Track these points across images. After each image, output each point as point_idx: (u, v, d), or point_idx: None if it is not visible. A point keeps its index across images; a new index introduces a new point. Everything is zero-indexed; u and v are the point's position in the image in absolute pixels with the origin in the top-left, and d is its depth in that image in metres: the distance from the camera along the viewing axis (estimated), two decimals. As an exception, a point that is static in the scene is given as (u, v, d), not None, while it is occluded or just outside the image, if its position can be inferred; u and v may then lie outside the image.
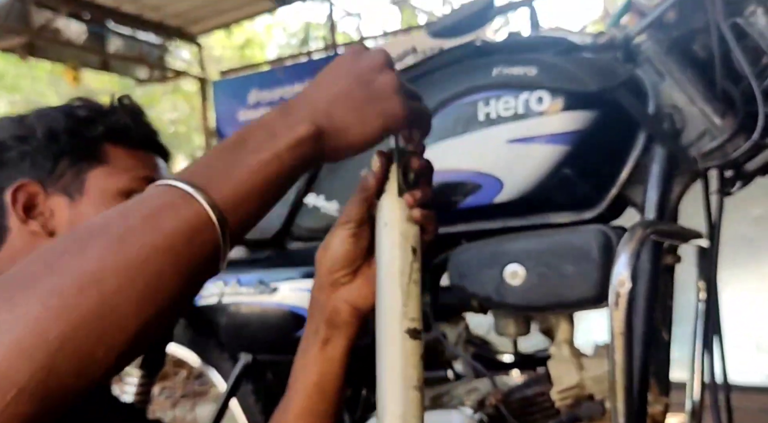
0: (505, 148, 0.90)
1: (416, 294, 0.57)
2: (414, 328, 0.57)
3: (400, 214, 0.57)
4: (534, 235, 0.90)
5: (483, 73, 0.93)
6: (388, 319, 0.57)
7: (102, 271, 0.38)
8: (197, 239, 0.41)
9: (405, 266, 0.57)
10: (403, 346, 0.56)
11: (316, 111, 0.49)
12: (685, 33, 0.89)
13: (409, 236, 0.57)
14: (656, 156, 0.86)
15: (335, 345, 0.64)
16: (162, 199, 0.42)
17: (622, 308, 0.68)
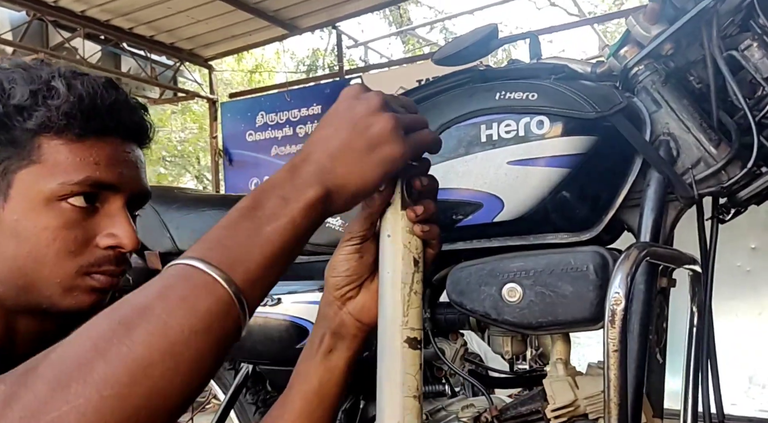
0: (506, 169, 0.93)
1: (417, 305, 0.60)
2: (414, 337, 0.59)
3: (402, 225, 0.60)
4: (532, 255, 0.93)
5: (486, 97, 0.96)
6: (389, 328, 0.59)
7: (150, 357, 0.40)
8: (227, 319, 0.45)
9: (407, 276, 0.59)
10: (402, 355, 0.58)
11: (322, 171, 0.52)
12: (681, 64, 0.93)
13: (411, 247, 0.60)
14: (652, 181, 0.89)
15: (339, 355, 0.66)
16: (192, 282, 0.44)
17: (617, 326, 0.70)
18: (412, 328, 0.59)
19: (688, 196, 0.88)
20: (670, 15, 0.93)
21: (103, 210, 0.64)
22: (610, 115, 0.89)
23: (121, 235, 0.64)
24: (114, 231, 0.64)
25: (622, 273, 0.74)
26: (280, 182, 0.51)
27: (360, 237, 0.63)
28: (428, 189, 0.61)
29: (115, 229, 0.64)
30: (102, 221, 0.64)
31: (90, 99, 0.63)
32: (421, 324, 0.60)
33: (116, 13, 5.69)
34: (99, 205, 0.64)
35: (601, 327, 0.89)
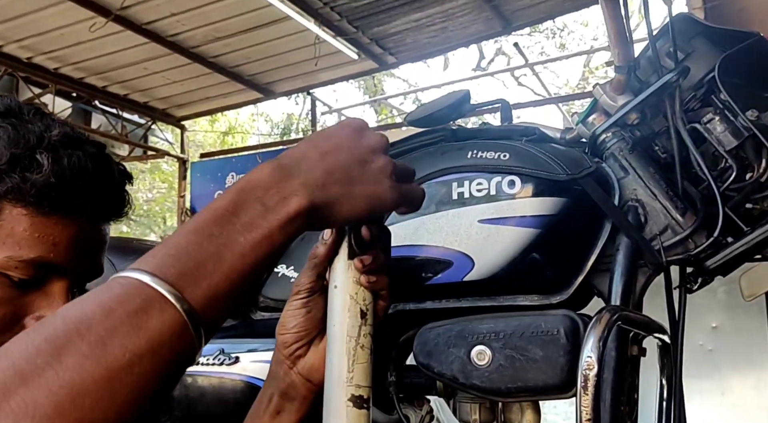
0: (477, 227, 0.92)
1: (364, 360, 0.56)
2: (360, 395, 0.55)
3: (350, 276, 0.57)
4: (502, 317, 0.90)
5: (458, 156, 0.97)
6: (334, 385, 0.56)
7: (82, 384, 0.35)
8: (178, 343, 0.39)
9: (353, 329, 0.56)
10: (347, 414, 0.54)
11: (311, 181, 0.48)
12: (647, 133, 0.95)
13: (358, 299, 0.57)
14: (621, 246, 0.89)
15: (287, 418, 0.63)
16: (140, 299, 0.39)
17: (590, 393, 0.68)
18: (357, 385, 0.55)
19: (657, 262, 0.88)
20: (635, 87, 0.96)
21: (42, 288, 0.57)
22: (580, 178, 0.90)
23: None
24: (47, 315, 0.56)
25: (594, 337, 0.72)
26: (263, 184, 0.46)
27: (307, 290, 0.61)
28: (378, 238, 0.59)
29: (48, 312, 0.56)
30: (37, 300, 0.57)
31: (72, 178, 0.57)
32: (368, 381, 0.56)
33: (90, 72, 5.72)
34: (41, 284, 0.57)
35: (573, 395, 0.87)
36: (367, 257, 0.57)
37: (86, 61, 5.51)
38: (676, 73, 0.90)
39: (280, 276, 1.07)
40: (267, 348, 1.03)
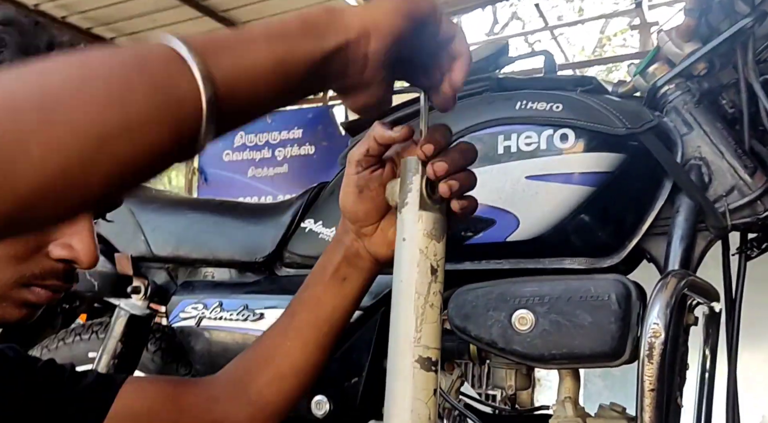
0: (523, 184, 0.85)
1: (433, 319, 0.51)
2: (428, 357, 0.50)
3: (421, 228, 0.52)
4: (547, 280, 0.85)
5: (505, 106, 0.89)
6: (400, 344, 0.51)
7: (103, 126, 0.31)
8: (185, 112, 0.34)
9: (422, 286, 0.51)
10: (414, 376, 0.50)
11: (359, 14, 0.42)
12: (714, 86, 0.87)
13: (428, 253, 0.51)
14: (682, 208, 0.82)
15: (352, 285, 0.63)
16: (158, 59, 0.34)
17: (655, 362, 0.62)
18: (426, 346, 0.50)
19: (721, 226, 0.81)
20: (704, 33, 0.88)
21: None
22: (640, 133, 0.83)
23: (79, 250, 0.54)
24: (72, 242, 0.54)
25: (661, 303, 0.66)
26: (320, 14, 0.41)
27: (357, 163, 0.57)
28: (462, 189, 0.53)
29: (74, 239, 0.54)
30: (60, 227, 0.54)
31: None
32: (437, 342, 0.51)
33: (98, 22, 5.57)
34: None
35: (620, 364, 0.82)
36: (442, 164, 0.51)
37: (94, 10, 5.36)
38: (752, 18, 0.82)
39: (308, 231, 1.01)
40: (292, 306, 0.98)
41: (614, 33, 10.45)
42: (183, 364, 1.08)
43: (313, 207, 1.03)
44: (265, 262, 1.03)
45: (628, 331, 0.79)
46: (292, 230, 1.02)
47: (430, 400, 0.50)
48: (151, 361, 1.10)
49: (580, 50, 12.01)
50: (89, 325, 1.16)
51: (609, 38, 11.01)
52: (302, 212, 1.04)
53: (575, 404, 0.90)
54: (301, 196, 1.06)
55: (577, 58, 11.30)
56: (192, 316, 1.00)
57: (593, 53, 11.24)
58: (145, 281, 1.07)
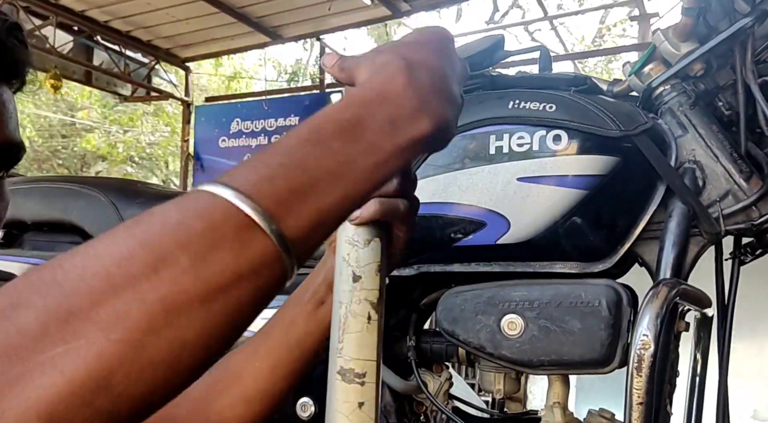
0: (515, 185, 0.84)
1: (357, 329, 0.49)
2: (350, 368, 0.48)
3: (342, 233, 0.50)
4: (537, 284, 0.83)
5: (498, 105, 0.87)
6: (329, 355, 0.50)
7: (178, 299, 0.30)
8: (272, 269, 0.33)
9: (343, 295, 0.49)
10: (336, 388, 0.48)
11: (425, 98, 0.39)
12: (710, 87, 0.85)
13: (350, 260, 0.50)
14: (675, 212, 0.81)
15: (329, 309, 0.59)
16: (236, 223, 0.33)
17: (644, 374, 0.61)
18: (347, 358, 0.48)
19: (714, 231, 0.79)
20: (701, 33, 0.85)
21: None
22: (634, 135, 0.81)
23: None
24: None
25: (651, 313, 0.64)
26: (395, 98, 0.38)
27: None
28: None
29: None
30: None
31: None
32: (364, 353, 0.49)
33: (92, 4, 5.51)
34: None
35: (610, 370, 0.81)
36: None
37: (113, 4, 5.30)
38: (752, 18, 0.80)
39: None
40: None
41: (614, 23, 10.38)
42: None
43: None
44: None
45: (618, 338, 0.78)
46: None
47: (354, 413, 0.48)
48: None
49: (580, 40, 11.93)
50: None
51: (609, 28, 10.95)
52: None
53: (564, 409, 0.89)
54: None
55: (577, 47, 11.23)
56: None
57: (593, 43, 11.17)
58: (129, 278, 1.04)
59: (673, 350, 0.82)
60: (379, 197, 0.49)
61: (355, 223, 0.49)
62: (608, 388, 3.31)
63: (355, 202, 0.37)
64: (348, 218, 0.48)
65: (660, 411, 0.81)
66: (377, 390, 0.49)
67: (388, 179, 0.39)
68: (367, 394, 0.48)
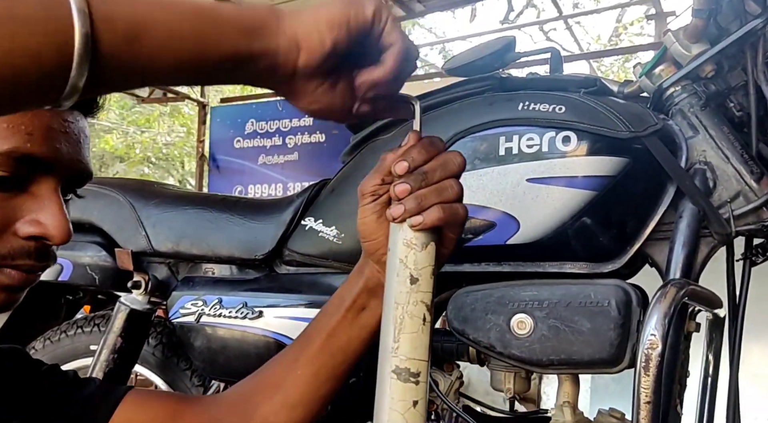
0: (524, 186, 0.84)
1: (412, 330, 0.50)
2: (406, 368, 0.49)
3: (401, 236, 0.51)
4: (547, 284, 0.84)
5: (507, 107, 0.88)
6: (382, 353, 0.51)
7: None
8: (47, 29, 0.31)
9: (400, 296, 0.50)
10: (390, 386, 0.49)
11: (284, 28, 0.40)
12: (721, 88, 0.85)
13: (408, 262, 0.51)
14: (685, 213, 0.81)
15: (370, 314, 0.61)
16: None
17: (651, 374, 0.61)
18: (404, 357, 0.50)
19: (725, 232, 0.80)
20: (712, 35, 0.86)
21: (29, 190, 0.51)
22: (644, 137, 0.81)
23: (49, 224, 0.51)
24: (40, 217, 0.51)
25: (659, 313, 0.65)
26: (261, 15, 0.39)
27: (370, 193, 0.55)
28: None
29: (42, 215, 0.51)
30: (26, 203, 0.51)
31: None
32: (419, 353, 0.50)
33: None
34: (26, 184, 0.51)
35: (619, 370, 0.81)
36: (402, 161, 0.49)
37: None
38: (763, 19, 0.80)
39: (308, 229, 1.00)
40: (290, 303, 0.98)
41: (630, 22, 10.28)
42: (183, 359, 1.08)
43: (314, 205, 1.03)
44: (265, 259, 1.03)
45: (627, 338, 0.78)
46: (293, 228, 1.02)
47: (408, 412, 0.49)
48: (152, 355, 1.11)
49: (596, 39, 11.82)
50: (91, 318, 1.16)
51: (625, 27, 10.84)
52: (302, 210, 1.03)
53: (574, 409, 0.89)
54: (302, 193, 1.06)
55: (593, 46, 11.13)
56: (192, 312, 1.01)
57: (609, 42, 11.07)
58: (146, 276, 1.07)
59: (683, 350, 0.83)
60: (440, 204, 0.49)
61: (417, 229, 0.50)
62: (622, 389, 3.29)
63: (196, 48, 0.36)
64: (409, 223, 0.50)
65: (669, 411, 0.81)
66: (427, 389, 0.50)
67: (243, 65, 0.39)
68: (420, 393, 0.49)
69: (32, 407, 0.60)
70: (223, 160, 6.12)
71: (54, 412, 0.61)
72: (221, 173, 6.11)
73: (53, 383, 0.62)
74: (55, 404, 0.61)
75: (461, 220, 0.52)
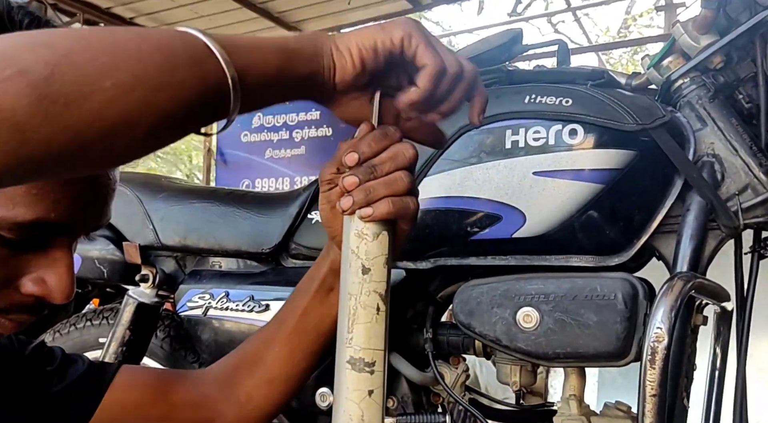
0: (530, 180, 0.84)
1: (367, 319, 0.50)
2: (360, 357, 0.50)
3: (352, 227, 0.51)
4: (553, 278, 0.83)
5: (514, 100, 0.87)
6: (338, 345, 0.51)
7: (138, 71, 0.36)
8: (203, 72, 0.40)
9: (353, 287, 0.50)
10: (345, 377, 0.50)
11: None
12: (730, 80, 0.84)
13: (359, 253, 0.51)
14: (693, 206, 0.80)
15: (336, 297, 0.61)
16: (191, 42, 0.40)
17: (657, 367, 0.61)
18: (357, 348, 0.50)
19: (733, 225, 0.79)
20: (722, 25, 0.85)
21: (41, 246, 0.49)
22: (651, 129, 0.80)
23: (54, 286, 0.49)
24: (46, 277, 0.49)
25: (665, 306, 0.65)
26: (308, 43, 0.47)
27: (327, 182, 0.58)
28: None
29: (48, 274, 0.49)
30: (34, 259, 0.49)
31: None
32: (374, 343, 0.50)
33: (118, 2, 5.58)
34: (38, 243, 0.49)
35: (626, 363, 0.81)
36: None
37: (138, 1, 5.37)
38: (773, 10, 0.79)
39: (314, 223, 1.01)
40: (298, 297, 0.98)
41: (640, 13, 10.19)
42: (191, 352, 1.09)
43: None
44: (272, 253, 1.03)
45: (633, 331, 0.78)
46: (299, 221, 1.02)
47: (364, 401, 0.49)
48: (160, 348, 1.12)
49: (605, 31, 11.72)
50: (100, 311, 1.17)
51: (635, 18, 10.75)
52: (309, 203, 1.03)
53: (580, 402, 0.89)
54: (309, 187, 1.06)
55: (602, 38, 11.04)
56: (199, 305, 1.01)
57: (618, 34, 10.98)
58: (154, 270, 1.08)
59: (690, 344, 0.82)
60: (390, 197, 0.50)
61: (367, 221, 0.50)
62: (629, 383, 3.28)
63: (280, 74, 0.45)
64: (359, 215, 0.50)
65: (676, 404, 0.81)
66: (384, 378, 0.50)
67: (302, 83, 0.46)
68: (376, 382, 0.49)
69: (20, 388, 0.60)
70: (230, 154, 6.12)
71: (43, 392, 0.61)
72: (228, 167, 6.13)
73: (41, 362, 0.62)
74: (43, 384, 0.61)
75: (412, 213, 0.52)
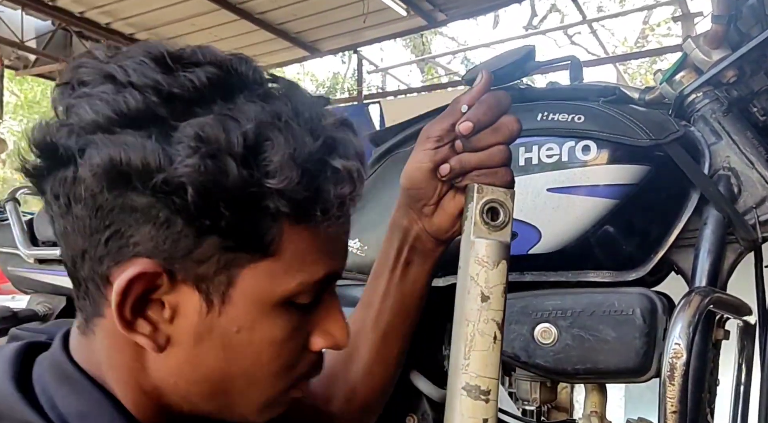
0: (545, 196, 0.84)
1: (483, 347, 0.51)
2: (476, 385, 0.50)
3: (472, 254, 0.52)
4: (570, 293, 0.84)
5: (526, 118, 0.88)
6: (452, 369, 0.52)
7: None
8: None
9: (471, 313, 0.51)
10: (461, 404, 0.50)
11: None
12: (744, 94, 0.85)
13: (479, 280, 0.52)
14: (710, 220, 0.80)
15: (418, 269, 0.63)
16: None
17: (677, 383, 0.61)
18: (473, 375, 0.50)
19: (751, 238, 0.79)
20: (733, 40, 0.85)
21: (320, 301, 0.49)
22: (665, 144, 0.81)
23: (338, 334, 0.49)
24: (329, 328, 0.49)
25: (683, 322, 0.65)
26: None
27: (435, 139, 0.57)
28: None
29: (330, 324, 0.49)
30: (316, 316, 0.49)
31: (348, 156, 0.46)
32: (489, 371, 0.51)
33: (140, 27, 5.74)
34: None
35: (646, 380, 0.80)
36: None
37: (136, 16, 5.52)
38: (785, 24, 0.79)
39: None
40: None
41: (657, 23, 10.15)
42: None
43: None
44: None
45: (653, 346, 0.78)
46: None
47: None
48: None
49: (623, 41, 11.68)
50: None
51: (652, 28, 10.71)
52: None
53: (602, 419, 0.89)
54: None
55: (620, 49, 11.01)
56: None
57: (636, 44, 10.93)
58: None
59: (711, 358, 0.82)
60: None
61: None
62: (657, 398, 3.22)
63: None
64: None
65: (699, 420, 0.80)
66: (497, 408, 0.51)
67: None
68: (490, 411, 0.50)
69: None
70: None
71: None
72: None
73: None
74: None
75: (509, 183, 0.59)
